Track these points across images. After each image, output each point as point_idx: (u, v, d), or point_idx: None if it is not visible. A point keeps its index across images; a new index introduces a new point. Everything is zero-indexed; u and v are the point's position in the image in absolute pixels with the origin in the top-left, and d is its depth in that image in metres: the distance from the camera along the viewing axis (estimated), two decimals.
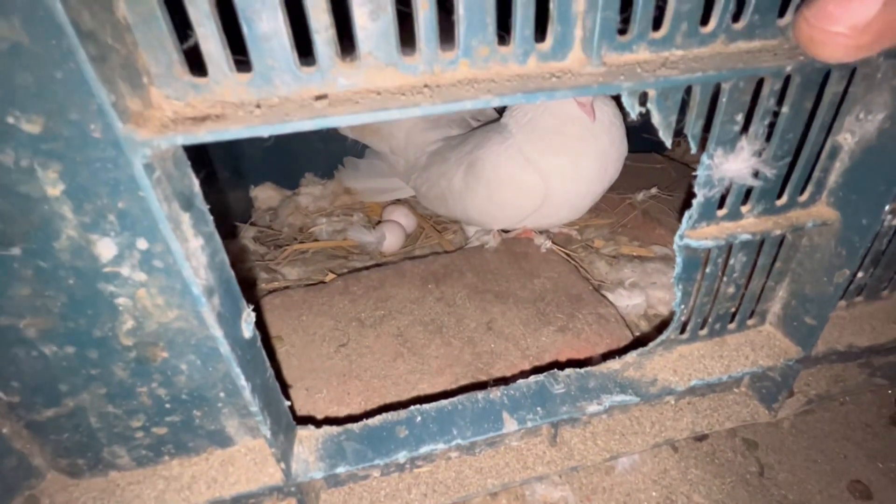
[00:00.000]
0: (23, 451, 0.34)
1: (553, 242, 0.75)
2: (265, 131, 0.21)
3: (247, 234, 0.90)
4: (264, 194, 1.03)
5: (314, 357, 0.56)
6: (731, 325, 0.44)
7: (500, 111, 0.82)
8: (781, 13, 0.28)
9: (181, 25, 0.22)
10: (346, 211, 0.99)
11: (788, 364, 0.42)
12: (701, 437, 0.51)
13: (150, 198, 0.21)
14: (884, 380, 0.49)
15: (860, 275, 0.43)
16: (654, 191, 0.84)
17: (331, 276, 0.72)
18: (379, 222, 0.92)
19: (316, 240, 0.90)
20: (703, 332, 0.43)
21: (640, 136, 1.08)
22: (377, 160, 0.99)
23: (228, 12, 0.22)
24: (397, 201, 0.98)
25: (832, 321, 0.45)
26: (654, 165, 1.00)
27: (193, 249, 0.25)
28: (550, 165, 0.65)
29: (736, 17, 0.28)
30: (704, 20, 0.27)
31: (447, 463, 0.44)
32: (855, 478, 0.49)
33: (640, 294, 0.67)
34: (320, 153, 1.02)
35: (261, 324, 0.39)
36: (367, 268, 0.74)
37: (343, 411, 0.49)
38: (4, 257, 0.25)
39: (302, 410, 0.48)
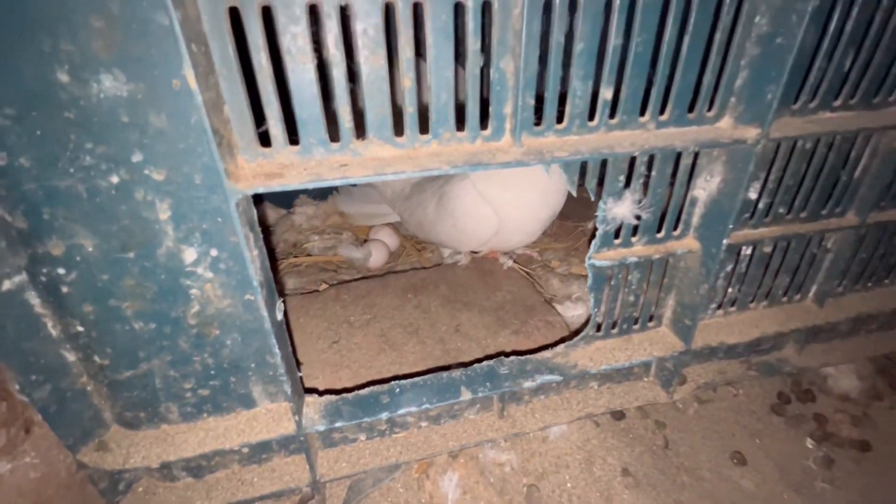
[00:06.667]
0: (97, 406, 0.46)
1: (515, 262, 0.89)
2: (311, 184, 0.34)
3: None
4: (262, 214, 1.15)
5: (310, 352, 0.68)
6: (636, 326, 0.58)
7: None
8: (642, 112, 0.43)
9: (257, 118, 0.36)
10: (337, 230, 1.11)
11: (675, 355, 0.56)
12: (619, 417, 0.64)
13: (235, 221, 0.34)
14: (757, 373, 0.64)
15: (731, 290, 0.58)
16: None
17: (324, 286, 0.84)
18: (366, 240, 1.05)
19: (309, 255, 1.03)
20: (615, 331, 0.57)
21: None
22: (369, 188, 1.13)
23: (287, 111, 0.36)
24: (383, 223, 1.11)
25: (711, 325, 0.60)
26: None
27: (254, 257, 0.37)
28: (500, 199, 0.80)
29: (612, 115, 0.43)
30: (591, 117, 0.42)
31: (418, 431, 0.56)
32: (736, 449, 0.63)
33: (583, 306, 0.81)
34: None
35: None
36: (355, 280, 0.87)
37: None
38: (123, 259, 0.38)
39: None
